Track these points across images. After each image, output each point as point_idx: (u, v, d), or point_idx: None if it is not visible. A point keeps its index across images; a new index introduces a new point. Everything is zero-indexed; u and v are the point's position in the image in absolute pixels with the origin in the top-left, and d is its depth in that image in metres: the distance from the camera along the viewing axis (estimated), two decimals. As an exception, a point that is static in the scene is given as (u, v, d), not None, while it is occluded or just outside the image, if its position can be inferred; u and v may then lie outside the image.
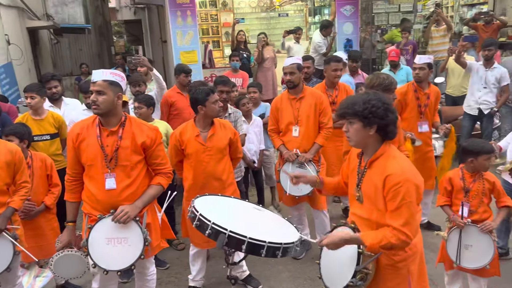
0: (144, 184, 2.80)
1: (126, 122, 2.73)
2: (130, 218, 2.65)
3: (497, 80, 5.49)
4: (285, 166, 3.89)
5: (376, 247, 2.05)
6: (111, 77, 2.63)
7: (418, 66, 4.23)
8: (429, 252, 3.98)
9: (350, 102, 2.13)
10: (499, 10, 9.07)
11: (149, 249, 2.78)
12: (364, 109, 2.07)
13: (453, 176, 3.13)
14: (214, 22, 10.41)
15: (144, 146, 2.75)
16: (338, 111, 2.19)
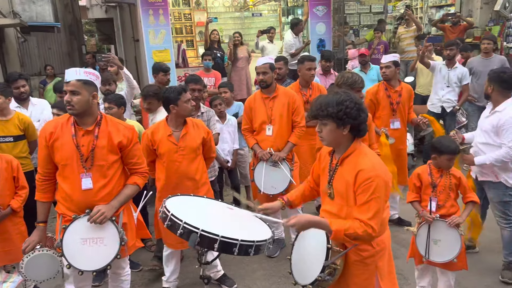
0: (120, 184, 2.77)
1: (102, 121, 2.70)
2: (107, 218, 2.62)
3: (459, 79, 5.75)
4: (259, 165, 3.90)
5: (341, 234, 2.07)
6: (85, 76, 2.58)
7: (384, 65, 4.34)
8: (400, 248, 4.09)
9: (323, 103, 2.14)
10: (465, 12, 9.36)
11: (125, 249, 2.75)
12: (339, 110, 2.09)
13: (421, 172, 3.21)
14: (187, 21, 10.32)
15: (120, 146, 2.72)
16: (311, 112, 2.20)
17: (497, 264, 3.70)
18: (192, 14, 10.29)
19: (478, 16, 9.23)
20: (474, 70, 6.18)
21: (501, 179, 3.44)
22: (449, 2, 9.98)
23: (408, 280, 3.59)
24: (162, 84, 4.66)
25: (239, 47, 7.76)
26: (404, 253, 3.93)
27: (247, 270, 3.93)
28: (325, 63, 5.62)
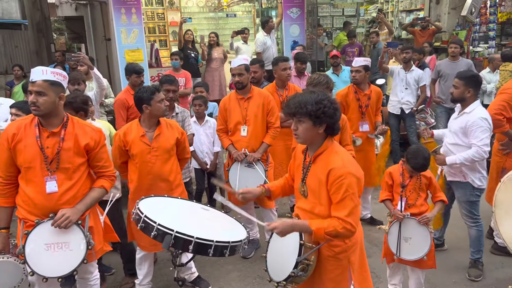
0: (86, 187, 2.70)
1: (68, 123, 2.62)
2: (72, 223, 2.54)
3: (416, 81, 6.01)
4: (233, 166, 3.90)
5: (321, 233, 2.11)
6: (52, 76, 2.50)
7: (354, 69, 4.43)
8: (372, 246, 4.16)
9: (302, 101, 2.15)
10: (434, 16, 9.65)
11: (92, 253, 2.67)
12: (317, 109, 2.12)
13: (393, 171, 3.28)
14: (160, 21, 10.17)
15: (87, 148, 2.65)
16: (288, 110, 2.21)
17: (464, 261, 3.82)
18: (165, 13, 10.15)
19: (446, 21, 9.54)
20: (441, 73, 6.38)
21: (469, 180, 3.54)
22: (418, 7, 10.27)
23: (381, 279, 3.66)
24: (135, 86, 4.56)
25: (215, 47, 7.73)
26: (377, 251, 4.02)
27: (222, 272, 3.92)
28: (300, 65, 5.65)
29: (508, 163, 3.83)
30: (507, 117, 3.63)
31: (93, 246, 2.64)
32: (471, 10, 8.71)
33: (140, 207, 2.26)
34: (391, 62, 7.04)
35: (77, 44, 15.18)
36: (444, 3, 9.59)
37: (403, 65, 6.07)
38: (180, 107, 4.14)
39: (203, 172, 4.67)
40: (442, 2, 9.67)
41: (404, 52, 6.02)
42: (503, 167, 3.86)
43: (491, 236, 4.20)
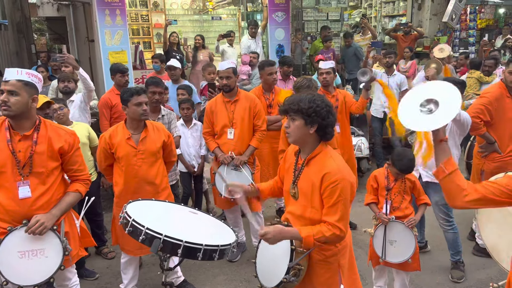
0: (60, 192, 2.64)
1: (40, 125, 2.54)
2: (47, 229, 2.47)
3: (398, 85, 6.12)
4: (220, 169, 3.89)
5: (311, 240, 2.11)
6: (27, 77, 2.43)
7: (324, 71, 4.44)
8: (357, 249, 4.20)
9: (296, 99, 2.19)
10: (416, 22, 9.85)
11: (69, 259, 2.61)
12: (309, 107, 2.14)
13: (378, 174, 3.32)
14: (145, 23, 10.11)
15: (61, 152, 2.58)
16: (282, 107, 2.24)
17: (447, 262, 3.89)
18: (149, 15, 10.09)
19: (427, 27, 9.75)
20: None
21: None
22: (401, 13, 10.46)
23: (366, 281, 3.70)
24: (120, 85, 4.51)
25: (201, 50, 7.70)
26: (361, 254, 4.06)
27: (208, 275, 3.90)
28: (287, 68, 5.68)
29: (486, 166, 3.93)
30: (485, 120, 3.73)
31: (70, 251, 2.58)
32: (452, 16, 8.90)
33: (127, 211, 2.23)
34: (375, 66, 7.15)
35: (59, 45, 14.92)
36: (426, 9, 9.80)
37: (385, 70, 6.16)
38: (166, 109, 4.11)
39: (190, 175, 4.64)
40: (424, 8, 9.88)
41: (387, 56, 6.12)
42: (482, 169, 3.97)
43: (472, 238, 4.29)
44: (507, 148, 3.85)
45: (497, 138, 3.82)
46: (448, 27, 9.37)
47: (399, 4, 10.49)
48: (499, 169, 3.78)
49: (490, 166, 3.90)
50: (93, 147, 3.91)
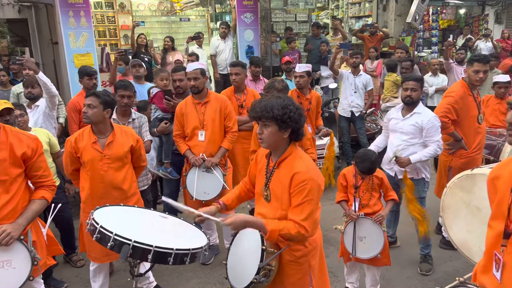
0: (25, 199, 2.54)
1: (0, 132, 2.45)
2: (14, 239, 2.38)
3: (364, 85, 6.26)
4: (191, 171, 3.85)
5: (276, 234, 2.12)
6: None
7: (298, 74, 4.53)
8: (329, 246, 4.26)
9: (268, 105, 2.15)
10: (381, 23, 10.09)
11: (38, 268, 2.53)
12: (283, 114, 2.13)
13: (346, 173, 3.38)
14: (111, 24, 9.91)
15: (24, 157, 2.49)
16: (254, 114, 2.20)
17: (416, 256, 4.00)
18: (116, 17, 9.90)
19: (392, 27, 10.01)
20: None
21: (422, 175, 3.72)
22: (367, 14, 10.69)
23: (338, 277, 3.75)
24: (88, 89, 4.39)
25: (170, 52, 7.62)
26: (333, 251, 4.12)
27: (181, 279, 3.85)
28: (254, 68, 5.71)
29: (454, 162, 4.05)
30: (452, 119, 3.85)
31: (39, 261, 2.50)
32: (415, 17, 9.19)
33: (95, 218, 2.17)
34: (343, 67, 7.28)
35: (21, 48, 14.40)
36: (391, 10, 10.05)
37: (352, 70, 6.28)
38: (137, 113, 4.03)
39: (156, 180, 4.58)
40: (388, 9, 10.13)
41: (353, 57, 6.25)
42: (449, 165, 4.09)
43: (439, 231, 4.42)
44: (473, 144, 3.98)
45: (463, 135, 3.93)
46: (412, 27, 9.64)
47: (365, 5, 10.73)
48: (467, 165, 3.92)
49: (458, 163, 4.02)
50: (54, 153, 3.81)
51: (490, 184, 1.74)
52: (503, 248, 1.61)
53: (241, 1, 7.98)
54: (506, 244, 1.60)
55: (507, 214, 1.60)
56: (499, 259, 1.62)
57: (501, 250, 1.61)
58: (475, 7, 11.40)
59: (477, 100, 3.98)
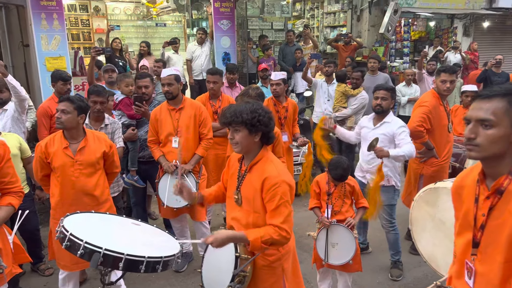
0: None
1: None
2: None
3: None
4: (163, 178, 3.82)
5: (258, 242, 2.15)
6: None
7: (274, 82, 4.56)
8: (302, 253, 4.29)
9: (237, 110, 2.21)
10: (355, 33, 10.31)
11: (4, 277, 2.45)
12: (253, 118, 2.18)
13: (320, 180, 3.43)
14: (85, 28, 9.77)
15: None
16: (224, 119, 2.24)
17: (387, 262, 4.08)
18: (90, 20, 9.77)
19: (366, 37, 10.24)
20: (363, 86, 6.80)
21: (392, 183, 3.80)
22: (341, 24, 10.91)
23: (311, 284, 3.79)
24: (61, 93, 4.30)
25: (146, 57, 7.56)
26: (307, 257, 4.15)
27: (154, 287, 3.80)
28: (229, 75, 5.73)
29: (425, 170, 4.14)
30: (427, 128, 3.96)
31: (4, 269, 2.41)
32: (388, 28, 9.44)
33: (64, 225, 2.13)
34: (317, 76, 7.39)
35: (-10, 49, 13.95)
36: (364, 21, 10.29)
37: (325, 78, 6.37)
38: (111, 118, 3.97)
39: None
40: (362, 19, 10.37)
41: (326, 66, 6.35)
42: (420, 173, 4.19)
43: (409, 237, 4.51)
44: (443, 153, 4.09)
45: (435, 144, 4.03)
46: (384, 38, 9.89)
47: (340, 15, 10.94)
48: (437, 173, 4.04)
49: (429, 171, 4.12)
50: (25, 159, 3.71)
51: (455, 193, 1.79)
52: (474, 257, 1.65)
53: (217, 8, 8.02)
54: (476, 253, 1.64)
55: (473, 224, 1.65)
56: (471, 268, 1.66)
57: (472, 259, 1.66)
58: (445, 20, 11.80)
59: (447, 110, 4.11)
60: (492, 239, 1.59)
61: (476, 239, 1.63)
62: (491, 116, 1.53)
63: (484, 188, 1.63)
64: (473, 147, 1.57)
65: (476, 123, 1.57)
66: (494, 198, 1.58)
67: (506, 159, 1.57)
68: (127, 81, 4.47)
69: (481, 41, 11.87)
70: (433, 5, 10.79)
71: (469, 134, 1.59)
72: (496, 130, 1.53)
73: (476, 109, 1.58)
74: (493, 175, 1.60)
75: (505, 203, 1.56)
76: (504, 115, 1.52)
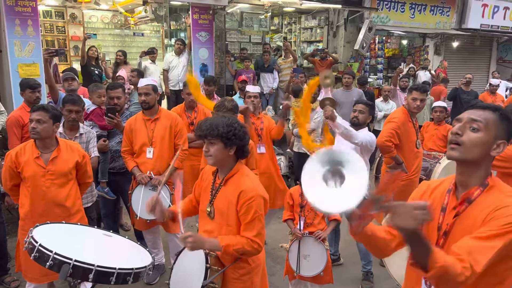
0: None
1: None
2: None
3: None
4: (137, 189, 3.78)
5: (230, 249, 2.18)
6: None
7: (252, 95, 4.61)
8: (275, 265, 4.32)
9: (213, 124, 2.24)
10: (331, 48, 10.54)
11: None
12: (228, 131, 2.22)
13: (293, 192, 3.49)
14: (60, 34, 9.63)
15: None
16: (200, 132, 2.27)
17: (358, 274, 4.15)
18: (66, 27, 9.64)
19: (341, 53, 10.48)
20: (337, 101, 6.95)
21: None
22: (318, 39, 11.14)
23: (283, 295, 3.81)
24: (31, 102, 4.22)
25: (122, 66, 7.51)
26: (280, 269, 4.18)
27: (124, 300, 3.74)
28: (206, 86, 5.77)
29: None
30: (395, 144, 4.08)
31: None
32: (363, 44, 9.71)
33: (34, 236, 2.09)
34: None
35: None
36: (340, 37, 10.54)
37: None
38: (86, 128, 3.92)
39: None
40: (338, 35, 10.62)
41: (308, 79, 6.48)
42: None
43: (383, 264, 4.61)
44: (412, 167, 4.22)
45: (403, 159, 4.15)
46: (359, 54, 10.15)
47: (317, 31, 11.17)
48: (406, 187, 4.12)
49: (398, 185, 4.23)
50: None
51: (424, 189, 1.84)
52: None
53: (196, 20, 8.07)
54: None
55: (437, 231, 1.70)
56: None
57: None
58: (417, 38, 12.22)
59: (415, 126, 4.26)
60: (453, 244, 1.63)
61: (439, 245, 1.69)
62: (482, 120, 1.62)
63: (453, 199, 1.69)
64: (456, 146, 1.64)
65: (466, 123, 1.64)
66: (461, 207, 1.65)
67: (480, 170, 1.64)
68: (99, 92, 4.40)
69: (451, 60, 12.35)
70: (406, 24, 11.18)
71: (456, 129, 1.65)
72: (481, 135, 1.61)
73: (469, 113, 1.66)
74: (465, 185, 1.67)
75: (470, 211, 1.62)
76: (493, 125, 1.62)
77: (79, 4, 9.10)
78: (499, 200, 1.57)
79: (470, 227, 1.59)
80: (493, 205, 1.56)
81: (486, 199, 1.61)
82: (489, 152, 1.63)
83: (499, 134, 1.62)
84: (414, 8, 11.21)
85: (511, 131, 1.65)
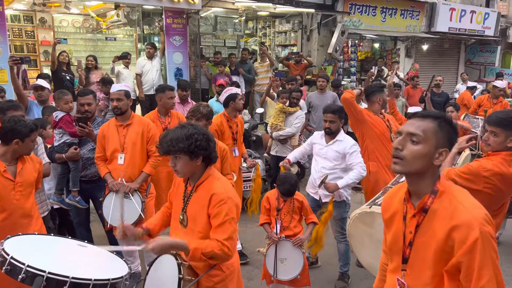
0: None
1: None
2: None
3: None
4: (108, 196, 3.71)
5: (198, 253, 2.15)
6: None
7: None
8: (254, 269, 4.33)
9: (173, 139, 2.18)
10: (305, 52, 10.67)
11: None
12: (189, 144, 2.17)
13: (270, 196, 3.51)
14: (29, 39, 9.39)
15: None
16: (162, 149, 2.22)
17: (335, 275, 4.20)
18: (35, 31, 9.41)
19: (315, 57, 10.62)
20: (312, 104, 7.05)
21: (344, 198, 3.93)
22: (292, 43, 11.25)
23: (261, 299, 3.82)
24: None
25: (93, 71, 7.38)
26: (258, 274, 4.19)
27: (100, 310, 3.67)
28: (181, 92, 5.73)
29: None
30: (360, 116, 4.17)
31: None
32: (336, 48, 9.86)
33: (5, 248, 2.03)
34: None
35: None
36: (314, 40, 10.69)
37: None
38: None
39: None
40: (312, 39, 10.76)
41: (289, 83, 6.54)
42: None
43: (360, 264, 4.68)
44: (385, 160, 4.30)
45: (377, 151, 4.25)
46: (333, 57, 10.30)
47: (291, 34, 11.28)
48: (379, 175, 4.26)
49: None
50: None
51: (384, 217, 1.90)
52: (404, 272, 1.75)
53: (170, 24, 8.03)
54: (406, 268, 1.75)
55: (403, 241, 1.75)
56: (403, 284, 1.76)
57: (402, 274, 1.76)
58: (388, 41, 12.51)
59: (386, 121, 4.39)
60: (419, 255, 1.69)
61: (405, 255, 1.74)
62: (420, 132, 1.64)
63: (411, 207, 1.73)
64: (398, 160, 1.68)
65: (406, 136, 1.68)
66: (420, 216, 1.69)
67: (427, 179, 1.68)
68: (65, 98, 4.20)
69: (421, 62, 12.70)
70: (378, 27, 11.43)
71: (397, 144, 1.69)
72: (421, 147, 1.64)
73: (409, 125, 1.70)
74: (418, 194, 1.71)
75: (429, 222, 1.66)
76: (432, 135, 1.64)
77: (48, 8, 8.92)
78: (454, 208, 1.60)
79: (430, 239, 1.64)
80: (449, 216, 1.60)
81: (440, 207, 1.64)
82: (432, 161, 1.66)
83: (440, 143, 1.65)
84: (385, 12, 11.47)
85: (452, 138, 1.68)
